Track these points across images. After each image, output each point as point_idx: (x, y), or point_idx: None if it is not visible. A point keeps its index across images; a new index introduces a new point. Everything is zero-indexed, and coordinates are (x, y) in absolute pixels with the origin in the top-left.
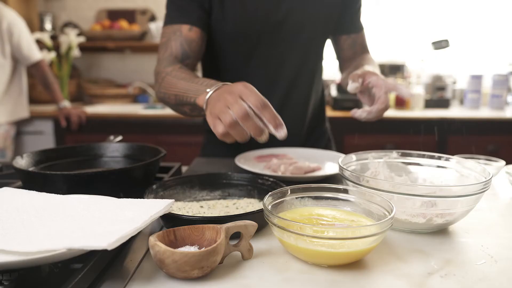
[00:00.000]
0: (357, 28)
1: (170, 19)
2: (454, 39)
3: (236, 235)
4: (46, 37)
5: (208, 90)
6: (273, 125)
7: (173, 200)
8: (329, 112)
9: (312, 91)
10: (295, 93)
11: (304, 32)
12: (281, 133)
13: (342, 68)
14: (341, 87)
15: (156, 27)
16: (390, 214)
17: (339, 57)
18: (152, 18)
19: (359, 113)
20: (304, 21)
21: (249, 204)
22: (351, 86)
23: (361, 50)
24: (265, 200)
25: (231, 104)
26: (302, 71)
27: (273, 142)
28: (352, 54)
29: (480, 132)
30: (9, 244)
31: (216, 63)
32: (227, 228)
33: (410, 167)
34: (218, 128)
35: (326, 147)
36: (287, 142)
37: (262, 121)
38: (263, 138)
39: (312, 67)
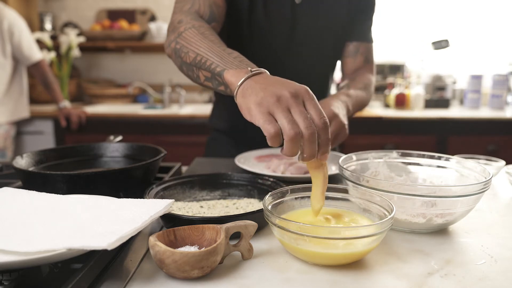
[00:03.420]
0: (362, 37)
1: None
2: (454, 39)
3: (236, 235)
4: (46, 37)
5: (250, 69)
6: (323, 151)
7: (173, 200)
8: None
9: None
10: None
11: (316, 36)
12: (323, 159)
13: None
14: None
15: (156, 27)
16: (390, 214)
17: (342, 68)
18: (152, 18)
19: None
20: (315, 25)
21: (249, 204)
22: None
23: (364, 63)
24: (265, 200)
25: (294, 110)
26: (312, 76)
27: None
28: (354, 67)
29: (480, 132)
30: (9, 244)
31: None
32: (227, 228)
33: (410, 167)
34: (270, 128)
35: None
36: None
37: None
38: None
39: (324, 70)
